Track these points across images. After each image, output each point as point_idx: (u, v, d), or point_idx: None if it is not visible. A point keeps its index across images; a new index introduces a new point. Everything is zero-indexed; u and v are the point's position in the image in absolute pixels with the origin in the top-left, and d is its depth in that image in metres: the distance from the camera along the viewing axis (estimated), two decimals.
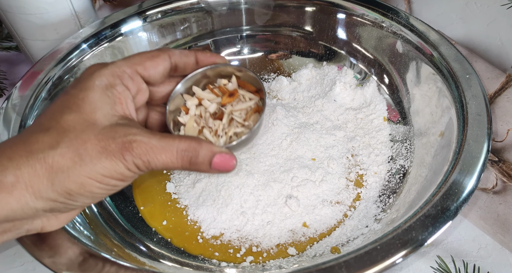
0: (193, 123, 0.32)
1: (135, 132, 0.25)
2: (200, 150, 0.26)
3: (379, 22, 0.46)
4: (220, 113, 0.32)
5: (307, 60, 0.52)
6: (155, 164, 0.25)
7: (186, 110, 0.33)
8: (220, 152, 0.27)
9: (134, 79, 0.28)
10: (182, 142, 0.26)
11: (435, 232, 0.29)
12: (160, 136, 0.25)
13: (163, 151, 0.25)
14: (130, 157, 0.24)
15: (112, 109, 0.26)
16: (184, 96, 0.33)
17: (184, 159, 0.26)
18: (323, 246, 0.36)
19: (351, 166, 0.43)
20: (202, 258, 0.37)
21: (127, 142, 0.24)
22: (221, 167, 0.27)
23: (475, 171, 0.32)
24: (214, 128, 0.31)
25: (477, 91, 0.37)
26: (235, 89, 0.33)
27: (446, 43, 0.42)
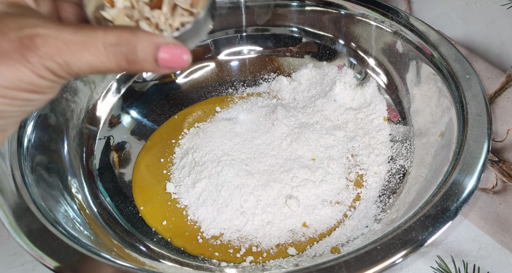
0: (123, 17, 0.25)
1: (35, 23, 0.18)
2: (137, 42, 0.20)
3: (379, 22, 0.46)
4: (157, 1, 0.25)
5: (307, 60, 0.52)
6: (77, 66, 0.19)
7: (110, 3, 0.25)
8: (165, 43, 0.20)
9: None
10: (109, 33, 0.19)
11: (435, 232, 0.29)
12: (74, 28, 0.19)
13: (84, 48, 0.19)
14: (37, 58, 0.18)
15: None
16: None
17: (118, 56, 0.19)
18: (323, 246, 0.36)
19: (351, 166, 0.43)
20: (202, 258, 0.37)
21: (25, 37, 0.18)
22: (172, 62, 0.21)
23: (475, 171, 0.32)
24: (154, 21, 0.24)
25: (477, 91, 0.37)
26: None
27: (446, 43, 0.41)
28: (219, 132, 0.45)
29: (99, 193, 0.41)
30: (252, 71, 0.53)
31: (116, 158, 0.45)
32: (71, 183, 0.39)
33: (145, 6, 0.25)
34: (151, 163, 0.45)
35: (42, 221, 0.31)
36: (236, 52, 0.53)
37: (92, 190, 0.41)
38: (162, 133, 0.47)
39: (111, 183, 0.43)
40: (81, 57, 0.19)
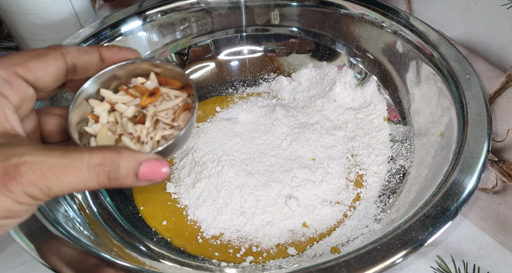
0: (107, 132, 0.26)
1: (23, 151, 0.19)
2: (120, 161, 0.20)
3: (379, 22, 0.46)
4: (141, 116, 0.26)
5: (307, 60, 0.52)
6: (58, 189, 0.19)
7: (95, 119, 0.26)
8: (147, 158, 0.21)
9: (13, 84, 0.22)
10: (94, 154, 0.20)
11: (435, 232, 0.29)
12: (61, 151, 0.20)
13: (68, 170, 0.19)
14: (19, 185, 0.18)
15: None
16: (90, 102, 0.26)
17: (100, 176, 0.20)
18: (323, 246, 0.36)
19: (351, 166, 0.43)
20: (202, 258, 0.37)
21: (11, 166, 0.18)
22: (151, 176, 0.21)
23: (475, 171, 0.32)
24: (136, 134, 0.25)
25: (477, 91, 0.37)
26: (156, 87, 0.27)
27: (446, 43, 0.41)
28: (219, 132, 0.45)
29: (99, 193, 0.41)
30: (252, 71, 0.53)
31: None
32: None
33: (129, 122, 0.26)
34: None
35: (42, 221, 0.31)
36: (236, 52, 0.53)
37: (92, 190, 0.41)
38: None
39: None
40: (64, 180, 0.19)
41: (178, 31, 0.51)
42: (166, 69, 0.27)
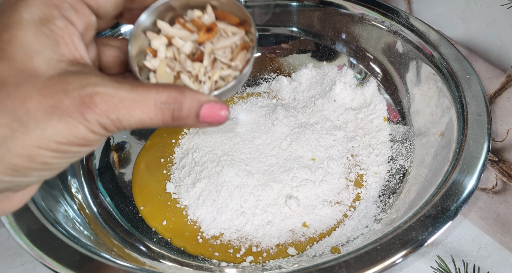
0: (165, 68, 0.25)
1: (96, 81, 0.19)
2: (183, 100, 0.21)
3: (379, 22, 0.46)
4: (199, 54, 0.26)
5: (307, 60, 0.52)
6: (128, 122, 0.20)
7: (153, 53, 0.26)
8: (208, 100, 0.22)
9: (79, 9, 0.21)
10: (160, 92, 0.20)
11: (435, 232, 0.29)
12: (130, 85, 0.20)
13: (137, 105, 0.20)
14: (94, 115, 0.19)
15: (56, 52, 0.20)
16: (148, 34, 0.26)
17: (165, 113, 0.21)
18: (323, 246, 0.36)
19: (351, 166, 0.43)
20: (202, 258, 0.37)
21: (86, 95, 0.19)
22: (211, 118, 0.22)
23: (475, 171, 0.32)
24: (194, 73, 0.25)
25: (477, 91, 0.37)
26: (213, 22, 0.26)
27: (446, 43, 0.41)
28: (219, 132, 0.45)
29: (99, 193, 0.41)
30: (252, 71, 0.53)
31: (116, 158, 0.45)
32: (71, 183, 0.39)
33: (187, 59, 0.25)
34: (151, 163, 0.45)
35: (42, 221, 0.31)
36: None
37: (92, 190, 0.41)
38: (162, 133, 0.47)
39: (111, 183, 0.43)
40: (133, 114, 0.20)
41: None
42: (223, 2, 0.26)
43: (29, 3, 0.20)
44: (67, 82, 0.19)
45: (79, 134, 0.19)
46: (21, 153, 0.18)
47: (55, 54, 0.20)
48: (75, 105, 0.18)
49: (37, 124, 0.18)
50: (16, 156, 0.18)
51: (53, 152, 0.19)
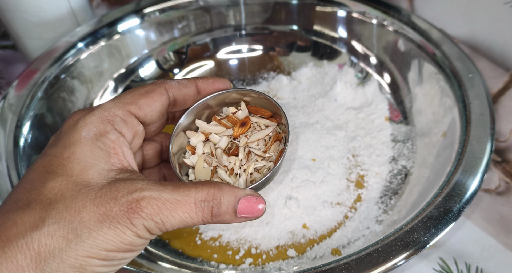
0: (203, 164, 0.27)
1: (142, 186, 0.20)
2: (221, 197, 0.22)
3: (381, 20, 0.46)
4: (234, 148, 0.27)
5: (307, 59, 0.52)
6: (170, 224, 0.20)
7: (192, 150, 0.28)
8: (245, 195, 0.22)
9: (128, 122, 0.23)
10: (199, 190, 0.21)
11: (438, 234, 0.28)
12: (172, 187, 0.21)
13: (178, 206, 0.20)
14: (140, 219, 0.20)
15: (107, 163, 0.21)
16: (187, 133, 0.28)
17: (205, 211, 0.21)
18: (323, 248, 0.36)
19: (352, 167, 0.42)
20: (200, 260, 0.36)
21: (133, 201, 0.20)
22: (248, 212, 0.22)
23: (478, 171, 0.31)
24: (230, 167, 0.26)
25: (480, 91, 0.37)
26: (247, 116, 0.28)
27: (448, 42, 0.41)
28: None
29: None
30: (251, 70, 0.53)
31: None
32: None
33: (223, 154, 0.27)
34: None
35: None
36: (235, 51, 0.53)
37: None
38: None
39: None
40: (175, 215, 0.20)
41: (177, 30, 0.51)
42: (255, 97, 0.28)
43: (87, 122, 0.22)
44: (117, 190, 0.20)
45: (126, 240, 0.20)
46: (73, 264, 0.19)
47: (107, 165, 0.21)
48: (123, 212, 0.19)
49: (89, 233, 0.19)
50: (69, 267, 0.19)
51: (102, 260, 0.20)
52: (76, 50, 0.45)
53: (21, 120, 0.39)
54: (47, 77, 0.42)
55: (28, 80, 0.42)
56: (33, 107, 0.40)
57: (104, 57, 0.47)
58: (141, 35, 0.49)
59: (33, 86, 0.41)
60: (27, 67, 0.43)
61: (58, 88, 0.43)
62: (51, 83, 0.42)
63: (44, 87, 0.42)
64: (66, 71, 0.44)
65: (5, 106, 0.39)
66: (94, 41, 0.46)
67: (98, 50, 0.46)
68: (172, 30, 0.50)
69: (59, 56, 0.44)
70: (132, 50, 0.49)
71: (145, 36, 0.49)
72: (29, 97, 0.40)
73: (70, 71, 0.44)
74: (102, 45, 0.46)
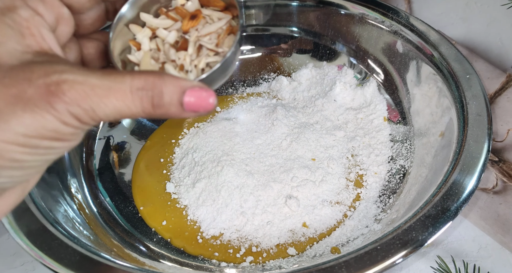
0: (150, 60, 0.24)
1: (63, 69, 0.18)
2: (163, 86, 0.19)
3: (379, 22, 0.46)
4: (183, 42, 0.25)
5: (307, 60, 0.52)
6: (103, 112, 0.18)
7: (137, 46, 0.25)
8: (192, 86, 0.20)
9: (45, 1, 0.20)
10: (136, 78, 0.19)
11: (435, 232, 0.29)
12: (101, 73, 0.18)
13: (111, 92, 0.18)
14: (63, 104, 0.17)
15: (20, 43, 0.18)
16: (131, 27, 0.25)
17: (144, 101, 0.19)
18: (323, 246, 0.36)
19: (351, 166, 0.43)
20: (202, 258, 0.37)
21: (52, 83, 0.17)
22: (197, 106, 0.20)
23: (475, 171, 0.32)
24: (179, 62, 0.24)
25: (478, 91, 0.37)
26: (198, 9, 0.25)
27: (446, 43, 0.41)
28: (219, 132, 0.45)
29: (98, 193, 0.41)
30: (252, 71, 0.53)
31: (116, 158, 0.45)
32: (71, 183, 0.39)
33: (171, 48, 0.24)
34: (151, 163, 0.45)
35: (42, 221, 0.31)
36: None
37: (91, 190, 0.41)
38: (162, 133, 0.47)
39: (110, 183, 0.43)
40: (107, 102, 0.18)
41: None
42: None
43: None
44: (31, 71, 0.17)
45: (49, 126, 0.17)
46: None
47: (20, 45, 0.18)
48: (40, 94, 0.17)
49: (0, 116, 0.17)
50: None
51: (22, 147, 0.17)
52: None
53: None
54: None
55: None
56: None
57: None
58: None
59: None
60: None
61: None
62: None
63: None
64: None
65: None
66: None
67: None
68: None
69: None
70: None
71: None
72: None
73: None
74: None
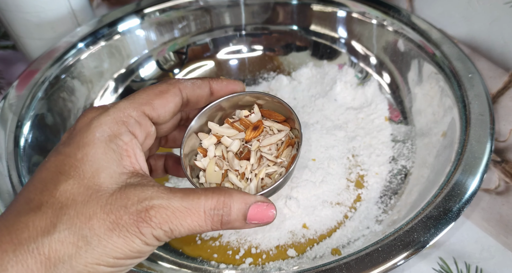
0: (214, 167, 0.27)
1: (152, 194, 0.20)
2: (232, 204, 0.21)
3: (381, 21, 0.46)
4: (246, 152, 0.27)
5: (307, 59, 0.52)
6: (178, 232, 0.20)
7: (203, 152, 0.27)
8: (255, 201, 0.22)
9: (142, 123, 0.23)
10: (209, 198, 0.21)
11: (437, 234, 0.28)
12: (181, 194, 0.21)
13: (188, 214, 0.20)
14: (149, 229, 0.19)
15: (119, 166, 0.21)
16: (199, 134, 0.28)
17: (215, 219, 0.21)
18: (323, 248, 0.36)
19: (352, 166, 0.42)
20: (200, 259, 0.36)
21: (143, 210, 0.19)
22: (258, 219, 0.22)
23: (477, 171, 0.31)
24: (241, 171, 0.26)
25: (480, 91, 0.36)
26: (260, 120, 0.28)
27: (448, 42, 0.41)
28: None
29: None
30: (251, 70, 0.53)
31: None
32: None
33: (234, 158, 0.27)
34: None
35: None
36: (235, 51, 0.53)
37: None
38: None
39: None
40: (184, 223, 0.20)
41: (177, 30, 0.51)
42: (269, 101, 0.28)
43: (101, 123, 0.21)
44: (127, 198, 0.20)
45: (135, 248, 0.20)
46: (82, 271, 0.19)
47: (119, 167, 0.21)
48: (133, 221, 0.19)
49: (99, 241, 0.19)
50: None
51: (110, 267, 0.20)
52: (77, 50, 0.45)
53: (21, 121, 0.39)
54: (48, 77, 0.42)
55: (28, 80, 0.42)
56: (34, 107, 0.40)
57: (104, 57, 0.47)
58: (141, 35, 0.49)
59: (34, 87, 0.41)
60: (28, 67, 0.43)
61: (59, 88, 0.43)
62: (52, 84, 0.42)
63: (44, 87, 0.42)
64: (66, 72, 0.44)
65: (5, 106, 0.39)
66: (94, 41, 0.46)
67: (99, 50, 0.46)
68: (172, 30, 0.51)
69: (59, 56, 0.44)
70: (132, 50, 0.49)
71: (145, 36, 0.49)
72: (30, 98, 0.40)
73: (71, 72, 0.44)
74: (102, 45, 0.46)
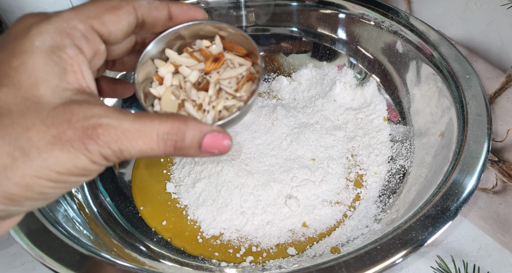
0: (170, 96, 0.26)
1: (100, 112, 0.19)
2: (186, 131, 0.21)
3: (379, 22, 0.46)
4: (205, 83, 0.26)
5: (307, 60, 0.52)
6: (129, 153, 0.20)
7: (159, 80, 0.26)
8: (211, 130, 0.21)
9: (90, 38, 0.21)
10: (163, 123, 0.20)
11: (435, 232, 0.29)
12: (133, 116, 0.20)
13: (139, 136, 0.19)
14: (96, 146, 0.19)
15: (63, 80, 0.20)
16: (156, 62, 0.26)
17: (168, 144, 0.20)
18: (323, 246, 0.36)
19: (351, 166, 0.43)
20: (202, 258, 0.37)
21: (90, 127, 0.18)
22: (213, 148, 0.22)
23: (475, 171, 0.32)
24: (199, 102, 0.25)
25: (477, 91, 0.37)
26: (221, 52, 0.26)
27: (446, 43, 0.41)
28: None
29: (99, 193, 0.41)
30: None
31: None
32: None
33: (192, 88, 0.25)
34: (151, 163, 0.45)
35: (42, 221, 0.31)
36: None
37: (92, 190, 0.41)
38: None
39: (111, 183, 0.43)
40: (135, 145, 0.19)
41: None
42: (232, 33, 0.26)
43: (41, 31, 0.20)
44: (71, 113, 0.19)
45: (80, 165, 0.19)
46: (19, 182, 0.18)
47: (62, 82, 0.19)
48: (78, 136, 0.18)
49: (39, 153, 0.18)
50: (14, 185, 0.18)
51: (52, 182, 0.19)
52: None
53: None
54: None
55: None
56: None
57: None
58: None
59: None
60: None
61: None
62: None
63: None
64: None
65: None
66: None
67: None
68: None
69: None
70: None
71: None
72: None
73: None
74: None
